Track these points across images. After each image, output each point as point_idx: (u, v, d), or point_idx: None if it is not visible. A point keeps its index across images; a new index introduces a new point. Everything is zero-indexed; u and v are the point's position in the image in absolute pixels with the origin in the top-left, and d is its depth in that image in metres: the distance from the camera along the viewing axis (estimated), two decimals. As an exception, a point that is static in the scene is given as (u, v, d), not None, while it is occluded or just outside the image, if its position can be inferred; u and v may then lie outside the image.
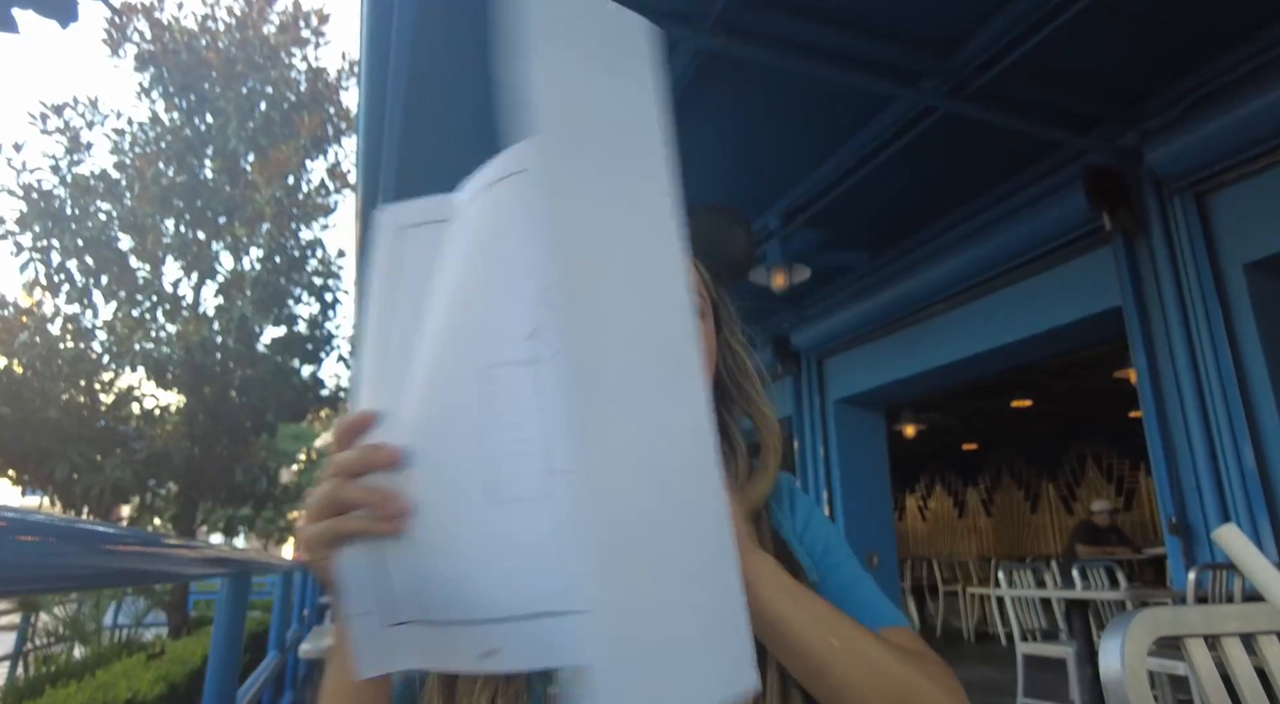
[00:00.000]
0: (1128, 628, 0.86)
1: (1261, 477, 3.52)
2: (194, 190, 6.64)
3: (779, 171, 4.76)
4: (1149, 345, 4.06)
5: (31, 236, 6.32)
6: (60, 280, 6.37)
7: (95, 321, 6.52)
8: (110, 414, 6.39)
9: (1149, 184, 4.10)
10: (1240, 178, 3.75)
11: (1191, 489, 3.83)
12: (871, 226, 5.48)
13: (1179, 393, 3.90)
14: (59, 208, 6.42)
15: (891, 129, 4.15)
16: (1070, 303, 4.58)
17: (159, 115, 6.91)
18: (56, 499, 5.84)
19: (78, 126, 6.75)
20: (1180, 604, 3.14)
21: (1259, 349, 3.60)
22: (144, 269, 6.61)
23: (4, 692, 3.92)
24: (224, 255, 6.92)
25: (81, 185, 6.50)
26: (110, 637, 5.49)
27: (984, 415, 10.40)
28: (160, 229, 6.57)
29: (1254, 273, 3.71)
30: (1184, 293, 3.91)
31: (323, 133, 7.25)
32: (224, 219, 6.77)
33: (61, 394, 5.98)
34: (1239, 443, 3.61)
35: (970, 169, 4.74)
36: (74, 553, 0.63)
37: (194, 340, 6.17)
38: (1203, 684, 0.88)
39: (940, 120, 4.00)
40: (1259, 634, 0.93)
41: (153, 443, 6.09)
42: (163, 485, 6.62)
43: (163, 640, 4.83)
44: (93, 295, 6.46)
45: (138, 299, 6.48)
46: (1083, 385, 8.51)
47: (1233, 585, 3.24)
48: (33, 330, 6.03)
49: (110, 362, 6.42)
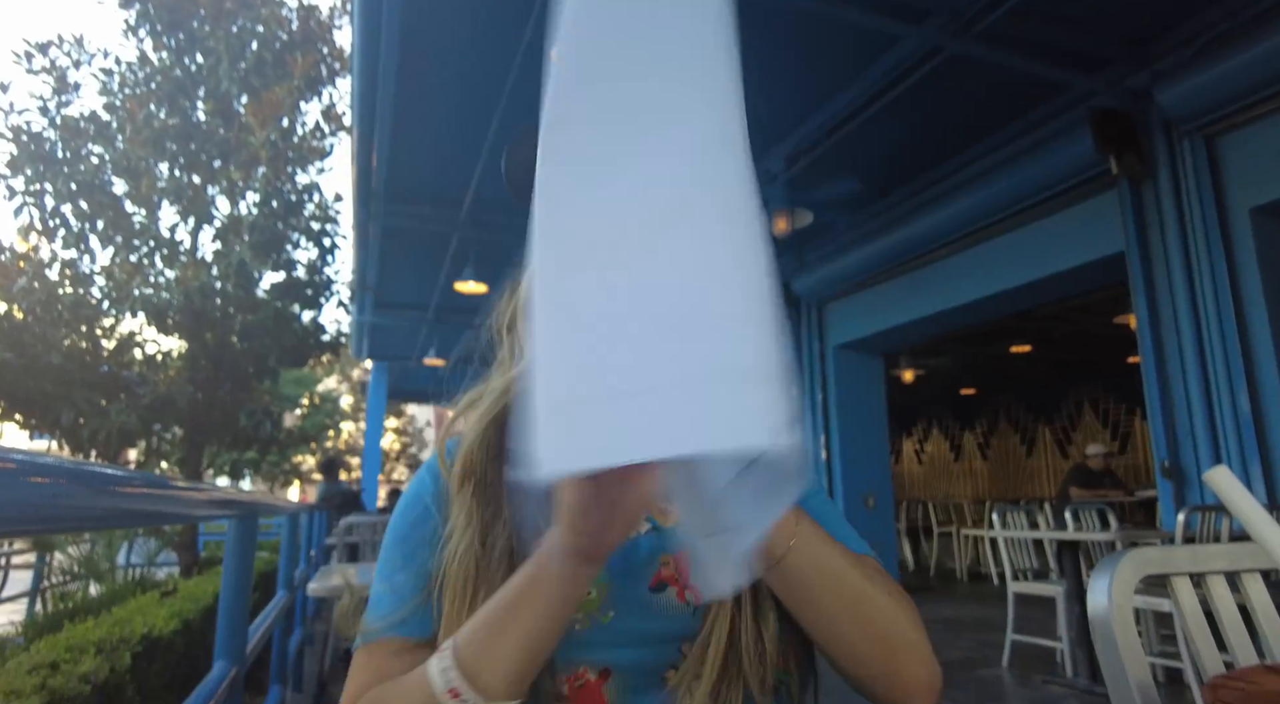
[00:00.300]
0: (1116, 567, 0.88)
1: (1256, 421, 3.56)
2: (187, 133, 6.52)
3: (781, 114, 4.68)
4: (1150, 290, 4.05)
5: (24, 180, 6.23)
6: (55, 225, 6.30)
7: (93, 267, 6.48)
8: (112, 359, 6.41)
9: (1158, 126, 4.03)
10: (1252, 119, 3.69)
11: (1185, 433, 3.87)
12: (876, 170, 5.41)
13: (1178, 338, 3.91)
14: (50, 150, 6.31)
15: (896, 71, 4.07)
16: (1073, 248, 4.55)
17: (147, 54, 6.74)
18: (64, 443, 5.91)
19: (64, 66, 6.58)
20: (1169, 544, 3.21)
21: (1260, 294, 3.59)
22: (140, 214, 6.54)
23: (25, 626, 4.04)
24: (220, 200, 6.84)
25: (71, 127, 6.38)
26: (124, 575, 5.63)
27: (983, 361, 10.44)
28: (154, 173, 6.47)
29: (1260, 217, 3.68)
30: (1188, 238, 3.88)
31: (316, 73, 7.08)
32: (218, 163, 6.67)
33: (63, 340, 5.99)
34: (1235, 387, 3.64)
35: (975, 112, 4.65)
36: (84, 494, 0.64)
37: (193, 286, 6.14)
38: (1186, 620, 0.91)
39: (945, 61, 3.92)
40: (1243, 572, 0.96)
41: (156, 388, 6.13)
42: (168, 430, 6.68)
43: (175, 579, 4.95)
44: (89, 240, 6.40)
45: (135, 244, 6.43)
46: (1082, 331, 8.52)
47: (1220, 526, 3.30)
48: (31, 275, 6.00)
49: (110, 307, 6.41)
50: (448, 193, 5.93)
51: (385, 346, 11.73)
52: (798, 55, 4.03)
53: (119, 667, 2.27)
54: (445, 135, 5.09)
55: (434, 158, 5.47)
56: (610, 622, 0.63)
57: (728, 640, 0.61)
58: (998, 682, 3.99)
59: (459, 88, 4.40)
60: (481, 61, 4.03)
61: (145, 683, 2.46)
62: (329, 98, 7.44)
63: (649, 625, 0.63)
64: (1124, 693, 0.81)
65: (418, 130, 5.02)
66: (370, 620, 0.64)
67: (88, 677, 2.08)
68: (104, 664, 2.19)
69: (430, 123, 4.96)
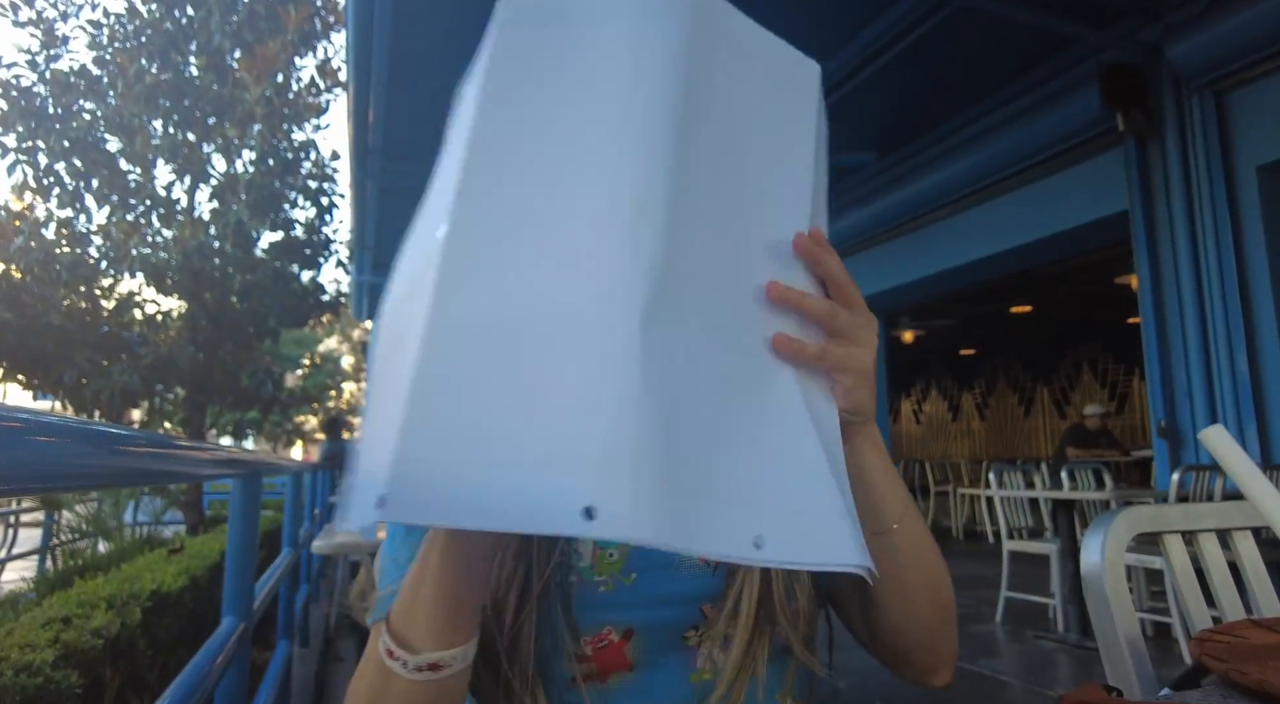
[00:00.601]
0: (1110, 525, 0.89)
1: (1253, 382, 3.57)
2: (180, 89, 6.41)
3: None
4: (1153, 250, 4.03)
5: (16, 137, 6.15)
6: (50, 183, 6.24)
7: (90, 226, 6.44)
8: (112, 320, 6.40)
9: (1167, 81, 3.96)
10: (1263, 74, 3.63)
11: (1183, 393, 3.89)
12: (878, 127, 5.33)
13: (1179, 297, 3.90)
14: (41, 106, 6.22)
15: (902, 24, 3.98)
16: (1077, 207, 4.51)
17: (136, 6, 6.60)
18: (67, 404, 5.94)
19: (51, 18, 6.45)
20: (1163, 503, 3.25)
21: (1264, 254, 3.57)
22: (135, 172, 6.47)
23: (37, 582, 4.11)
24: (216, 158, 6.76)
25: (62, 82, 6.27)
26: (131, 533, 5.71)
27: (983, 321, 10.43)
28: (148, 130, 6.39)
29: (1266, 175, 3.64)
30: (1193, 196, 3.85)
31: (310, 27, 6.93)
32: (213, 120, 6.57)
33: (62, 300, 5.97)
34: (1234, 348, 3.64)
35: (981, 68, 4.57)
36: (90, 454, 0.65)
37: (191, 245, 6.11)
38: (1177, 576, 0.93)
39: (953, 14, 3.83)
40: (1234, 530, 0.97)
41: (157, 348, 6.13)
42: (170, 390, 6.71)
43: (181, 537, 5.02)
44: (85, 199, 6.34)
45: (131, 203, 6.37)
46: (1083, 291, 8.50)
47: (1214, 486, 3.34)
48: (28, 235, 5.96)
49: (108, 267, 6.38)
50: (446, 150, 5.85)
51: (385, 307, 11.69)
52: (799, 8, 3.94)
53: (130, 621, 2.32)
54: (443, 91, 4.99)
55: (431, 114, 5.36)
56: (632, 584, 0.64)
57: (758, 598, 0.63)
58: (991, 636, 4.08)
59: (456, 42, 4.31)
60: (479, 14, 3.94)
61: (156, 637, 2.51)
62: (324, 53, 7.31)
63: (671, 587, 0.64)
64: (1113, 647, 0.83)
65: (415, 86, 4.93)
66: (380, 593, 0.65)
67: (100, 631, 2.12)
68: (115, 619, 2.24)
69: (427, 78, 4.87)
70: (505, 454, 0.36)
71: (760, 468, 0.45)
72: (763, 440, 0.46)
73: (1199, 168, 3.81)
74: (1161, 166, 4.00)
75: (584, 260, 0.40)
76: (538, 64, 0.44)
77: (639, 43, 0.44)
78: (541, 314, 0.39)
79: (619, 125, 0.42)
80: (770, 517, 0.43)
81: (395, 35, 4.24)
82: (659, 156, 0.42)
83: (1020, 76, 4.65)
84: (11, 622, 2.17)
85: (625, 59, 0.43)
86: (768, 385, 0.48)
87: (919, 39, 4.06)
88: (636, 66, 0.43)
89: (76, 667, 1.91)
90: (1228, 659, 0.55)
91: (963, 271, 5.59)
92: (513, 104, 0.43)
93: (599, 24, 0.44)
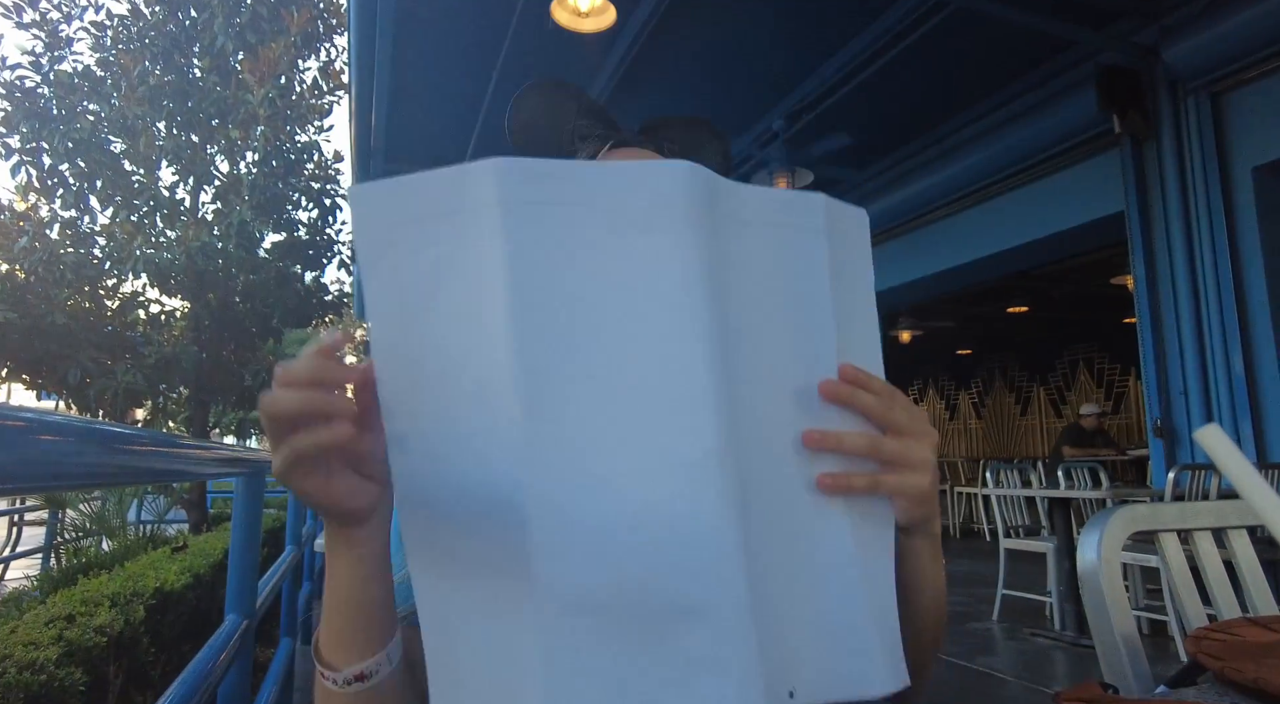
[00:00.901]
0: (1106, 523, 0.90)
1: (1248, 381, 3.58)
2: (183, 91, 6.44)
3: (782, 71, 4.60)
4: (1149, 250, 4.04)
5: (20, 138, 6.18)
6: (54, 184, 6.27)
7: (94, 226, 6.46)
8: (116, 320, 6.43)
9: (1164, 83, 3.97)
10: (1260, 76, 3.64)
11: (1179, 393, 3.90)
12: (877, 128, 5.34)
13: (1174, 297, 3.92)
14: (45, 107, 6.25)
15: (901, 25, 3.99)
16: (1074, 208, 4.53)
17: (139, 7, 6.62)
18: (71, 403, 5.96)
19: (55, 20, 6.48)
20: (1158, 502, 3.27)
21: (1259, 255, 3.59)
22: (139, 173, 6.49)
23: (41, 580, 4.14)
24: (219, 159, 6.79)
25: (66, 84, 6.30)
26: (134, 532, 5.73)
27: (980, 321, 10.42)
28: (152, 131, 6.41)
29: (1261, 176, 3.65)
30: (1189, 197, 3.86)
31: (313, 29, 6.95)
32: (216, 121, 6.60)
33: (66, 300, 6.00)
34: (1229, 347, 3.65)
35: (979, 70, 4.58)
36: (94, 452, 0.65)
37: (194, 246, 6.13)
38: (1173, 575, 0.94)
39: (951, 16, 3.85)
40: (1229, 528, 0.98)
41: (161, 348, 6.15)
42: (174, 390, 6.73)
43: (185, 535, 5.05)
44: (89, 200, 6.37)
45: (135, 204, 6.39)
46: (1080, 291, 8.49)
47: (1210, 484, 3.35)
48: (32, 235, 5.99)
49: (112, 267, 6.41)
50: (447, 152, 5.88)
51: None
52: (801, 8, 3.96)
53: (133, 619, 2.34)
54: (444, 93, 5.03)
55: (433, 116, 5.41)
56: None
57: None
58: (988, 634, 4.09)
59: (458, 44, 4.34)
60: (481, 17, 3.96)
61: (159, 635, 2.53)
62: (327, 55, 7.33)
63: None
64: (1109, 644, 0.84)
65: (417, 88, 4.95)
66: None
67: (103, 628, 2.14)
68: (118, 617, 2.26)
69: (429, 80, 4.90)
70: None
71: (801, 620, 0.47)
72: (805, 590, 0.48)
73: (1195, 169, 3.83)
74: (1158, 168, 4.02)
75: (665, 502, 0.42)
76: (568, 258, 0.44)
77: (666, 254, 0.44)
78: (642, 593, 0.42)
79: (660, 328, 0.44)
80: (805, 665, 0.46)
81: (397, 38, 4.26)
82: (705, 351, 0.44)
83: (1017, 78, 4.66)
84: (16, 620, 2.19)
85: (666, 266, 0.44)
86: (811, 531, 0.50)
87: (917, 41, 4.07)
88: (669, 272, 0.44)
89: (80, 664, 1.93)
90: (1223, 657, 0.56)
91: (960, 272, 5.60)
92: (553, 301, 0.43)
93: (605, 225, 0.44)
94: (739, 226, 0.49)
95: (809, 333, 0.52)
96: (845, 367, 0.52)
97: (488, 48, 4.16)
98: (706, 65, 4.43)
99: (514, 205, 0.42)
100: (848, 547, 0.50)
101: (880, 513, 0.53)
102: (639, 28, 3.90)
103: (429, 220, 0.43)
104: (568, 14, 3.69)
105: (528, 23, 3.84)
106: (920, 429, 0.54)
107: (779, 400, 0.50)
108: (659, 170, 0.45)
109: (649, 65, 4.29)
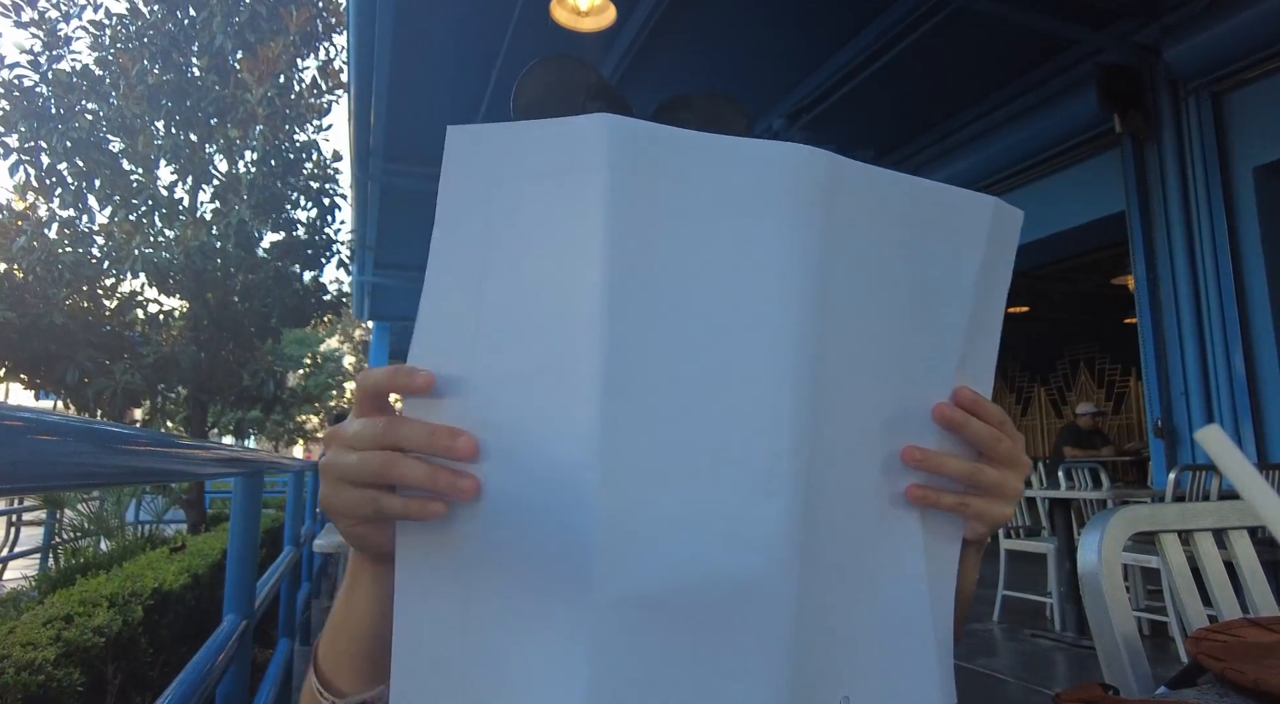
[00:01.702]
0: (1107, 524, 0.90)
1: (1249, 382, 3.58)
2: (182, 90, 6.42)
3: (782, 70, 4.60)
4: (1149, 250, 4.04)
5: (18, 137, 6.16)
6: (52, 183, 6.25)
7: (92, 226, 6.44)
8: (115, 319, 6.41)
9: (1164, 83, 3.97)
10: (1262, 76, 3.63)
11: (1179, 393, 3.90)
12: (878, 127, 5.34)
13: (1175, 297, 3.91)
14: (43, 107, 6.23)
15: (901, 24, 3.99)
16: (1074, 207, 4.52)
17: (138, 6, 6.61)
18: (69, 403, 5.95)
19: (54, 19, 6.46)
20: (1159, 503, 3.26)
21: (1260, 254, 3.58)
22: (137, 172, 6.48)
23: (39, 581, 4.12)
24: (218, 158, 6.77)
25: (64, 83, 6.28)
26: (133, 532, 5.72)
27: (982, 321, 10.43)
28: (151, 131, 6.40)
29: (1262, 176, 3.65)
30: (1189, 197, 3.85)
31: (312, 29, 6.93)
32: (215, 121, 6.58)
33: (64, 299, 5.97)
34: (1230, 348, 3.65)
35: (980, 69, 4.58)
36: (92, 452, 0.64)
37: (193, 245, 6.11)
38: (1174, 575, 0.94)
39: (950, 16, 3.84)
40: (1230, 529, 0.98)
41: (159, 347, 6.14)
42: (172, 389, 6.71)
43: (183, 536, 5.03)
44: (87, 199, 6.35)
45: (133, 203, 6.37)
46: (1080, 291, 8.50)
47: (1210, 485, 3.34)
48: (30, 234, 5.97)
49: (110, 267, 6.39)
50: (446, 151, 5.85)
51: (386, 307, 11.72)
52: (800, 8, 3.95)
53: (131, 620, 2.33)
54: (444, 92, 5.03)
55: (433, 115, 5.40)
56: None
57: None
58: (989, 635, 4.09)
59: (457, 44, 4.33)
60: (479, 16, 3.95)
61: (157, 635, 2.53)
62: (326, 54, 7.31)
63: None
64: (1110, 645, 0.84)
65: (416, 87, 4.95)
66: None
67: (101, 629, 2.13)
68: (117, 617, 2.25)
69: (428, 80, 4.89)
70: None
71: (864, 631, 0.46)
72: (870, 602, 0.47)
73: (1195, 168, 3.82)
74: (1158, 167, 4.02)
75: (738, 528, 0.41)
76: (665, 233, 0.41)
77: (775, 230, 0.42)
78: (704, 588, 0.40)
79: (763, 316, 0.41)
80: (861, 677, 0.45)
81: (396, 36, 4.26)
82: (806, 351, 0.42)
83: (1018, 78, 4.66)
84: (14, 620, 2.18)
85: (766, 254, 0.42)
86: (885, 544, 0.48)
87: (918, 40, 4.07)
88: (772, 254, 0.42)
89: (78, 665, 1.92)
90: (1224, 658, 0.56)
91: (962, 272, 5.59)
92: (647, 267, 0.40)
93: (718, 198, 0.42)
94: (868, 220, 0.45)
95: (931, 347, 0.49)
96: (963, 391, 0.50)
97: (487, 47, 4.15)
98: (706, 65, 4.42)
99: (623, 171, 0.39)
100: (919, 563, 0.49)
101: (952, 531, 0.52)
102: (639, 27, 3.89)
103: (532, 178, 0.40)
104: (567, 13, 3.68)
105: (527, 22, 3.83)
106: (1019, 460, 0.52)
107: (877, 410, 0.47)
108: (772, 151, 0.42)
109: (649, 65, 4.28)
